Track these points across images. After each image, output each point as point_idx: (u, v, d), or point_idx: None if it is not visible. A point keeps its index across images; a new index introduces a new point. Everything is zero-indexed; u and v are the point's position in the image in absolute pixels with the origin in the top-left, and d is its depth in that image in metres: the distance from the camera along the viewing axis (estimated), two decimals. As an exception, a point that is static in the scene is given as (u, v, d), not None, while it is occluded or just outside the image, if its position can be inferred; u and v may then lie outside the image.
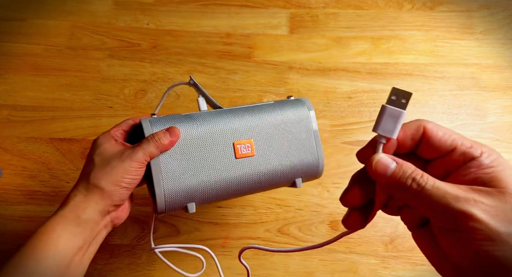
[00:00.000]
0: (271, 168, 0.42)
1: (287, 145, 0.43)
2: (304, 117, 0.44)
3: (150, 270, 0.53)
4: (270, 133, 0.42)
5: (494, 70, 0.70)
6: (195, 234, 0.56)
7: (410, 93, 0.24)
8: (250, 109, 0.43)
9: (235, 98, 0.66)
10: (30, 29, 0.69)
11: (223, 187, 0.40)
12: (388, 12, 0.75)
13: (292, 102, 0.45)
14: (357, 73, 0.69)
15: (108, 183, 0.35)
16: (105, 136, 0.39)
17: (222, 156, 0.40)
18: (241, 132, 0.41)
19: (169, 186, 0.38)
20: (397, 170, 0.23)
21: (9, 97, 0.63)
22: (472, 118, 0.65)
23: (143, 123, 0.39)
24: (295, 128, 0.43)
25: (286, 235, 0.56)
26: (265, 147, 0.42)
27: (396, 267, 0.54)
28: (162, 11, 0.73)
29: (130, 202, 0.41)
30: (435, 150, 0.24)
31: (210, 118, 0.41)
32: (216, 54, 0.69)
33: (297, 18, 0.73)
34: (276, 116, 0.43)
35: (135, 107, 0.64)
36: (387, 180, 0.23)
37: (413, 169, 0.23)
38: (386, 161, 0.24)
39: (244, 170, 0.41)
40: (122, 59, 0.68)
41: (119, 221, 0.39)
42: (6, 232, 0.54)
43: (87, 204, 0.35)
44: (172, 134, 0.38)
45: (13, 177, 0.58)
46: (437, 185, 0.22)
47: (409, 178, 0.23)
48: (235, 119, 0.42)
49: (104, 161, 0.36)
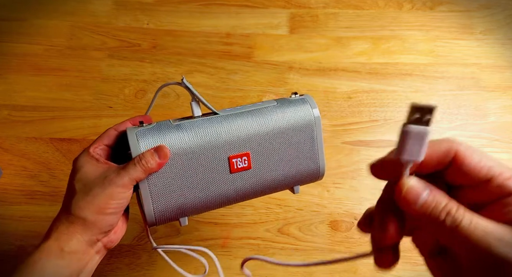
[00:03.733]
0: (268, 180, 0.39)
1: (287, 154, 0.39)
2: (307, 121, 0.39)
3: (150, 270, 0.53)
4: (269, 143, 0.38)
5: (494, 70, 0.70)
6: (195, 234, 0.55)
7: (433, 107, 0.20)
8: (248, 116, 0.38)
9: (235, 98, 0.66)
10: (30, 29, 0.69)
11: (216, 201, 0.38)
12: (388, 12, 0.75)
13: (294, 103, 0.40)
14: (357, 73, 0.69)
15: (92, 212, 0.32)
16: (85, 156, 0.35)
17: (216, 171, 0.37)
18: (237, 144, 0.37)
19: (158, 204, 0.35)
20: (429, 200, 0.20)
21: (9, 97, 0.63)
22: (472, 118, 0.65)
23: (129, 138, 0.35)
24: (296, 135, 0.39)
25: (286, 235, 0.56)
26: (262, 159, 0.38)
27: (396, 267, 0.54)
28: (162, 11, 0.73)
29: (124, 221, 0.38)
30: (467, 178, 0.21)
31: (203, 128, 0.37)
32: (216, 54, 0.69)
33: (297, 18, 0.73)
34: (276, 124, 0.38)
35: (135, 107, 0.64)
36: (417, 211, 0.20)
37: (447, 201, 0.20)
38: (418, 189, 0.20)
39: (239, 184, 0.38)
40: (122, 59, 0.68)
41: (113, 244, 0.36)
42: (6, 232, 0.54)
43: (71, 236, 0.32)
44: (161, 155, 0.34)
45: (13, 177, 0.58)
46: (475, 222, 0.19)
47: (443, 211, 0.19)
48: (231, 129, 0.37)
49: (86, 187, 0.33)
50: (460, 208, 0.19)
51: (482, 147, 0.62)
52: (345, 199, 0.58)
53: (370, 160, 0.68)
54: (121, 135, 0.38)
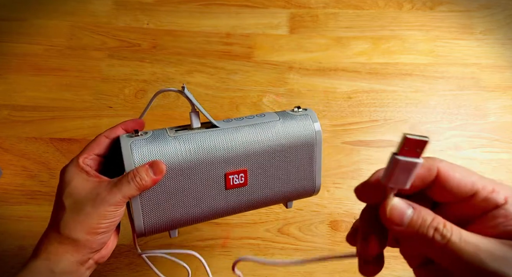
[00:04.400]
0: (262, 197, 0.38)
1: (284, 172, 0.38)
2: (308, 139, 0.38)
3: (150, 270, 0.53)
4: (267, 161, 0.37)
5: (494, 70, 0.70)
6: (195, 234, 0.55)
7: (425, 141, 0.20)
8: (248, 131, 0.37)
9: (235, 98, 0.66)
10: (30, 29, 0.69)
11: (207, 216, 0.37)
12: (388, 12, 0.75)
13: (297, 120, 0.39)
14: (357, 73, 0.69)
15: (83, 233, 0.30)
16: (74, 168, 0.33)
17: (211, 187, 0.36)
18: (235, 161, 0.36)
19: (149, 219, 0.34)
20: (415, 218, 0.20)
21: (9, 97, 0.63)
22: (472, 118, 0.65)
23: (123, 149, 0.33)
24: (296, 153, 0.38)
25: (286, 235, 0.56)
26: (259, 176, 0.37)
27: (396, 267, 0.54)
28: (162, 11, 0.73)
29: (115, 236, 0.36)
30: (452, 194, 0.21)
31: (201, 142, 0.35)
32: (216, 54, 0.69)
33: (297, 18, 0.73)
34: (276, 142, 0.37)
35: (135, 107, 0.64)
36: (404, 231, 0.20)
37: (433, 217, 0.20)
38: (401, 207, 0.20)
39: (233, 200, 0.37)
40: (122, 59, 0.68)
41: (104, 258, 0.35)
42: (6, 232, 0.54)
43: (60, 257, 0.30)
44: (157, 171, 0.32)
45: (13, 177, 0.58)
46: (465, 237, 0.19)
47: (431, 228, 0.19)
48: (230, 145, 0.36)
49: (76, 205, 0.31)
50: (447, 223, 0.19)
51: (482, 147, 0.62)
52: (345, 199, 0.58)
53: (370, 160, 0.68)
54: (113, 143, 0.36)
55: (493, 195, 0.20)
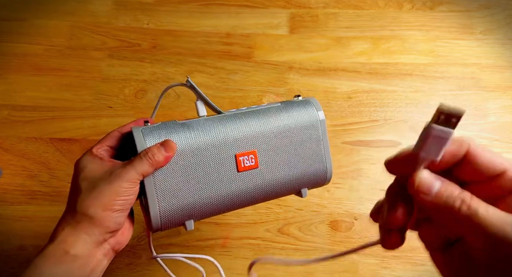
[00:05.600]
0: (275, 180, 0.38)
1: (294, 154, 0.39)
2: (312, 122, 0.40)
3: (150, 270, 0.53)
4: (275, 142, 0.38)
5: (494, 70, 0.70)
6: (195, 234, 0.56)
7: (461, 114, 0.20)
8: (253, 115, 0.39)
9: (235, 98, 0.66)
10: (30, 29, 0.69)
11: (224, 202, 0.37)
12: (388, 12, 0.75)
13: (299, 104, 0.41)
14: (357, 73, 0.69)
15: (98, 209, 0.31)
16: (88, 156, 0.34)
17: (223, 169, 0.36)
18: (244, 142, 0.37)
19: (165, 205, 0.34)
20: (442, 190, 0.20)
21: (9, 97, 0.63)
22: (472, 118, 0.65)
23: (135, 134, 0.34)
24: (302, 135, 0.39)
25: (286, 235, 0.56)
26: (269, 158, 0.38)
27: (396, 267, 0.54)
28: (162, 11, 0.73)
29: (130, 223, 0.36)
30: (479, 173, 0.21)
31: (209, 126, 0.37)
32: (216, 54, 0.69)
33: (297, 18, 0.73)
34: (282, 123, 0.39)
35: (135, 107, 0.64)
36: (432, 201, 0.20)
37: (460, 190, 0.20)
38: (430, 179, 0.21)
39: (247, 184, 0.37)
40: (122, 59, 0.68)
41: (121, 246, 0.35)
42: (6, 232, 0.54)
43: (77, 237, 0.31)
44: (168, 148, 0.33)
45: (13, 177, 0.58)
46: (492, 210, 0.19)
47: (458, 199, 0.20)
48: (237, 128, 0.37)
49: (91, 184, 0.32)
50: (474, 197, 0.20)
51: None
52: (345, 199, 0.58)
53: (370, 160, 0.68)
54: (125, 136, 0.37)
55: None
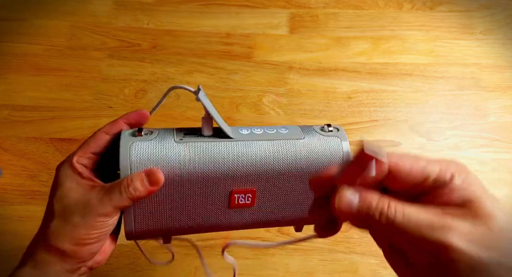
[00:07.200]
0: (268, 220, 0.34)
1: (297, 199, 0.34)
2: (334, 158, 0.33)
3: (150, 270, 0.53)
4: (282, 184, 0.33)
5: (494, 70, 0.70)
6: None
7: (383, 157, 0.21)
8: (266, 147, 0.32)
9: (235, 98, 0.66)
10: (30, 29, 0.69)
11: (206, 229, 0.34)
12: (388, 12, 0.75)
13: (324, 141, 0.33)
14: (357, 73, 0.69)
15: (70, 244, 0.28)
16: (67, 167, 0.31)
17: (213, 204, 0.32)
18: (244, 178, 0.31)
19: (141, 228, 0.32)
20: (361, 204, 0.21)
21: (9, 97, 0.63)
22: (472, 118, 0.65)
23: (121, 152, 0.30)
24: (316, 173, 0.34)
25: (286, 235, 0.56)
26: (269, 199, 0.33)
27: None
28: (162, 11, 0.73)
29: (112, 241, 0.34)
30: (405, 183, 0.22)
31: (210, 153, 0.31)
32: (216, 54, 0.69)
33: (297, 18, 0.73)
34: (295, 164, 0.32)
35: (135, 107, 0.64)
36: (355, 217, 0.21)
37: (377, 200, 0.21)
38: (348, 196, 0.22)
39: (235, 219, 0.33)
40: (122, 59, 0.68)
41: (99, 264, 0.33)
42: (6, 232, 0.54)
43: (49, 267, 0.29)
44: (153, 182, 0.29)
45: (13, 177, 0.58)
46: (407, 213, 0.20)
47: (376, 212, 0.21)
48: (242, 161, 0.31)
49: (65, 212, 0.29)
50: (391, 203, 0.21)
51: (482, 147, 0.62)
52: (345, 199, 0.58)
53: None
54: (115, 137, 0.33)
55: (441, 175, 0.21)
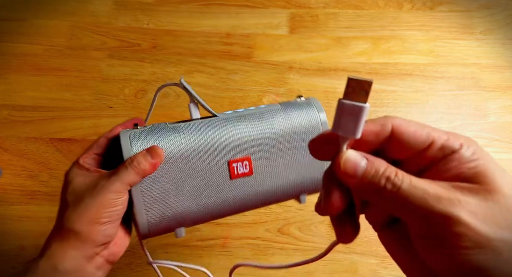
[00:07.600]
0: (271, 188, 0.36)
1: (291, 160, 0.37)
2: (313, 125, 0.38)
3: (150, 270, 0.53)
4: (272, 147, 0.36)
5: (494, 70, 0.70)
6: (195, 234, 0.56)
7: (369, 82, 0.19)
8: (249, 118, 0.36)
9: (235, 98, 0.66)
10: (30, 29, 0.69)
11: (215, 210, 0.35)
12: (388, 12, 0.75)
13: (299, 106, 0.38)
14: (357, 73, 0.69)
15: (84, 224, 0.30)
16: (75, 168, 0.33)
17: (215, 177, 0.34)
18: (238, 148, 0.35)
19: (153, 213, 0.33)
20: (368, 169, 0.20)
21: (9, 97, 0.63)
22: (472, 118, 0.65)
23: (122, 140, 0.33)
24: (301, 139, 0.37)
25: (286, 235, 0.56)
26: (265, 164, 0.36)
27: (396, 267, 0.54)
28: (162, 11, 0.73)
29: (125, 232, 0.35)
30: (409, 148, 0.21)
31: (201, 130, 0.34)
32: (216, 54, 0.69)
33: (297, 18, 0.73)
34: (280, 127, 0.36)
35: (135, 107, 0.64)
36: (358, 182, 0.20)
37: (386, 166, 0.20)
38: (355, 159, 0.20)
39: (240, 191, 0.35)
40: (122, 59, 0.68)
41: (116, 257, 0.34)
42: (6, 232, 0.54)
43: (64, 253, 0.30)
44: (154, 155, 0.32)
45: (13, 177, 0.58)
46: (414, 183, 0.19)
47: (383, 178, 0.19)
48: (231, 132, 0.35)
49: (77, 198, 0.31)
50: (399, 172, 0.19)
51: (482, 147, 0.62)
52: (345, 199, 0.58)
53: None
54: (113, 140, 0.35)
55: (449, 142, 0.20)
